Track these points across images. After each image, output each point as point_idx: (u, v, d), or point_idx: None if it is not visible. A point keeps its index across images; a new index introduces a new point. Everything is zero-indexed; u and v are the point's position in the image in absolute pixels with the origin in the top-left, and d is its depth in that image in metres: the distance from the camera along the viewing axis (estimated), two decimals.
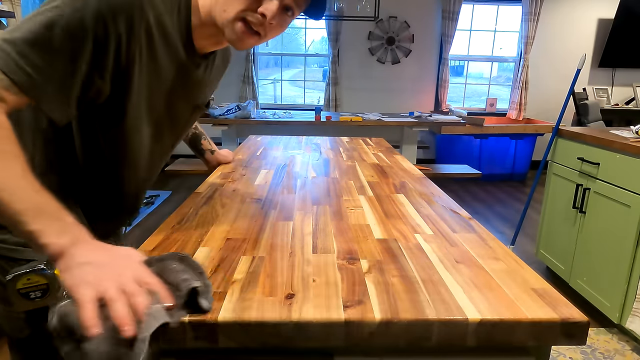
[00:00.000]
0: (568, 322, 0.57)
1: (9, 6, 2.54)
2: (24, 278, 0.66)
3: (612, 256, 1.99)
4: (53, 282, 0.68)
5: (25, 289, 0.66)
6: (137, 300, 0.52)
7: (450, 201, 1.10)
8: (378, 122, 3.76)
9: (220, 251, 0.76)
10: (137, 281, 0.54)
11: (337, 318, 0.56)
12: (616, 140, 1.97)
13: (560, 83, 5.48)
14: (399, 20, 5.24)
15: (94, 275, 0.53)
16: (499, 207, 4.01)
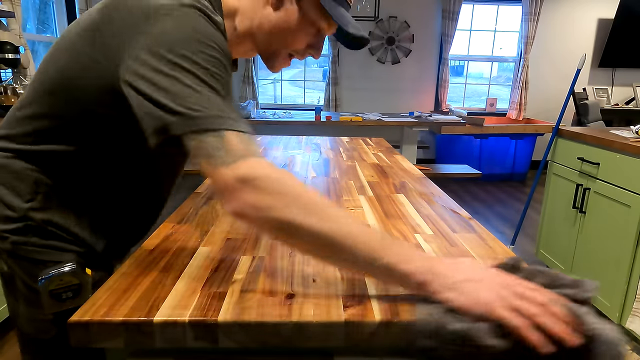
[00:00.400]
0: None
1: (9, 6, 2.54)
2: (57, 279, 0.71)
3: (612, 256, 1.99)
4: (85, 282, 0.73)
5: (58, 289, 0.71)
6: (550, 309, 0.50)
7: (450, 201, 1.10)
8: (378, 122, 3.76)
9: (220, 251, 0.76)
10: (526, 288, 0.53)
11: (337, 318, 0.56)
12: (616, 140, 1.97)
13: (560, 83, 5.48)
14: (399, 20, 5.25)
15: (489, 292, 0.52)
16: (499, 207, 4.01)
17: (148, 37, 0.64)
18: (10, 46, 2.41)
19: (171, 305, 0.58)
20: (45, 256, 0.76)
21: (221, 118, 0.61)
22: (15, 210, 0.74)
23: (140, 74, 0.63)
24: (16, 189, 0.75)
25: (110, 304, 0.58)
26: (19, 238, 0.75)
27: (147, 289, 0.62)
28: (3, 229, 0.75)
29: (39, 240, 0.75)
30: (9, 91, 2.39)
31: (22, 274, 0.77)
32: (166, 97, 0.61)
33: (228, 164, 0.59)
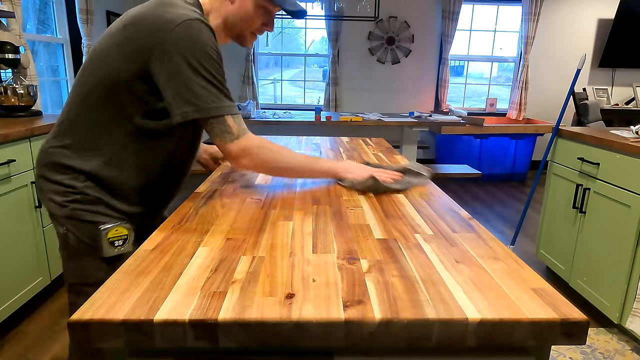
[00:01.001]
0: (568, 322, 0.57)
1: (9, 6, 2.54)
2: (114, 229, 1.03)
3: (612, 256, 1.99)
4: (130, 233, 1.06)
5: (113, 238, 1.02)
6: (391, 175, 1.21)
7: (450, 201, 1.10)
8: (378, 122, 3.76)
9: (220, 251, 0.76)
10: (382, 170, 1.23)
11: (337, 318, 0.56)
12: (616, 140, 1.97)
13: (560, 83, 5.48)
14: (399, 20, 5.25)
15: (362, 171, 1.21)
16: (499, 207, 4.01)
17: (167, 45, 0.93)
18: (10, 46, 2.41)
19: (171, 305, 0.58)
20: (95, 218, 1.03)
21: (222, 107, 0.99)
22: (74, 188, 1.02)
23: (162, 67, 0.94)
24: (72, 168, 1.01)
25: (110, 304, 0.58)
26: (77, 206, 1.02)
27: (147, 289, 0.62)
28: (65, 200, 1.02)
29: (91, 207, 1.03)
30: (9, 91, 2.39)
31: (76, 231, 1.02)
32: (186, 94, 0.95)
33: (232, 141, 1.02)
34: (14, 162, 1.92)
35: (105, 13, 4.20)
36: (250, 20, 1.10)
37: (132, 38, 0.95)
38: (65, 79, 3.75)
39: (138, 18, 0.96)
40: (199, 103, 0.95)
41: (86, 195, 1.01)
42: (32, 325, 2.03)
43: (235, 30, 1.11)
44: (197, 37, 0.94)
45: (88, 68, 1.01)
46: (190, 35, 0.93)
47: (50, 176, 1.03)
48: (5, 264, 1.88)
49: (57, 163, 1.02)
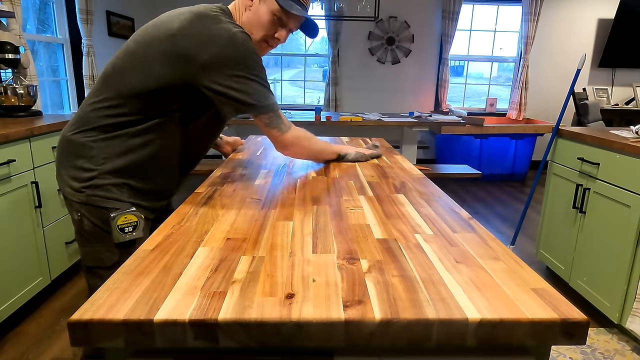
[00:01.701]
0: (568, 322, 0.57)
1: (9, 6, 2.54)
2: (123, 216, 1.09)
3: (612, 256, 1.99)
4: (140, 221, 1.12)
5: (123, 225, 1.10)
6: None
7: (450, 201, 1.10)
8: (378, 122, 3.76)
9: (220, 251, 0.76)
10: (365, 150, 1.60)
11: (337, 318, 0.56)
12: (616, 140, 1.97)
13: (560, 83, 5.48)
14: (399, 20, 5.25)
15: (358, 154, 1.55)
16: (499, 207, 4.01)
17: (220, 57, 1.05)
18: (10, 46, 2.41)
19: (171, 305, 0.58)
20: (109, 204, 1.10)
21: (275, 104, 1.17)
22: (90, 171, 1.09)
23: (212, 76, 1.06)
24: (91, 159, 1.10)
25: (110, 304, 0.58)
26: (92, 192, 1.09)
27: (147, 289, 0.62)
28: (82, 185, 1.10)
29: (105, 193, 1.10)
30: (9, 91, 2.39)
31: (91, 217, 1.10)
32: (240, 96, 1.09)
33: (286, 131, 1.22)
34: (14, 162, 1.92)
35: (105, 13, 4.20)
36: (262, 27, 1.18)
37: (181, 47, 1.04)
38: (65, 79, 3.75)
39: (182, 32, 1.05)
40: (256, 102, 1.11)
41: (102, 179, 1.09)
42: (32, 325, 2.03)
43: (251, 35, 1.18)
44: (244, 47, 1.07)
45: (117, 71, 1.09)
46: (238, 46, 1.06)
47: (70, 161, 1.11)
48: (5, 263, 1.88)
49: (78, 147, 1.10)
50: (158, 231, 0.85)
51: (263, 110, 1.13)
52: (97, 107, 1.09)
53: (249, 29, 1.18)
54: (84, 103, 1.13)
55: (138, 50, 1.08)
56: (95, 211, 1.10)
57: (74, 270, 2.56)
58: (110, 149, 1.09)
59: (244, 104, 1.09)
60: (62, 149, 1.14)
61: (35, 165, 2.08)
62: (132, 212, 1.10)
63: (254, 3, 1.17)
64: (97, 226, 1.10)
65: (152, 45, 1.06)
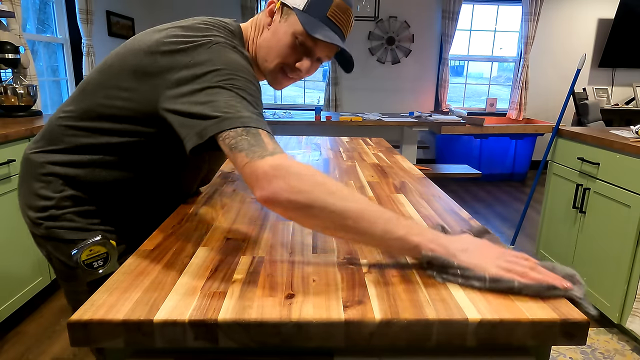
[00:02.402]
0: (568, 322, 0.57)
1: (9, 6, 2.54)
2: (87, 250, 0.87)
3: (612, 256, 1.99)
4: (111, 251, 0.89)
5: (89, 259, 0.87)
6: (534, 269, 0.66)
7: (450, 201, 1.10)
8: (378, 122, 3.76)
9: (220, 251, 0.76)
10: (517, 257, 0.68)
11: (337, 318, 0.56)
12: (616, 140, 1.97)
13: (560, 83, 5.48)
14: (399, 20, 5.25)
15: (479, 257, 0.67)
16: (499, 207, 4.01)
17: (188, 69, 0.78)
18: (10, 46, 2.40)
19: (171, 305, 0.58)
20: (74, 235, 0.89)
21: (253, 120, 0.73)
22: (48, 200, 0.89)
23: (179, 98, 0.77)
24: (50, 184, 0.90)
25: (110, 304, 0.58)
26: (51, 223, 0.89)
27: (147, 289, 0.62)
28: (38, 216, 0.90)
29: (68, 223, 0.89)
30: (9, 91, 2.39)
31: (57, 253, 0.91)
32: (202, 109, 0.74)
33: (263, 157, 0.68)
34: (14, 162, 1.92)
35: (105, 13, 4.20)
36: (279, 51, 0.92)
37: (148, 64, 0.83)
38: (65, 79, 3.75)
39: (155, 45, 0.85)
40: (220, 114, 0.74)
41: (61, 209, 0.89)
42: (32, 325, 2.02)
43: (264, 62, 0.95)
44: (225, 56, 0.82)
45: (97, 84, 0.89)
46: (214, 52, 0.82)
47: (27, 186, 0.93)
48: (5, 263, 1.88)
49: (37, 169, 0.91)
50: (158, 231, 0.85)
51: (227, 124, 0.72)
52: (63, 124, 0.90)
53: (266, 53, 0.94)
54: (52, 117, 0.95)
55: (113, 64, 0.88)
56: (61, 246, 0.90)
57: None
58: (73, 172, 0.89)
59: (205, 118, 0.73)
60: (21, 170, 0.95)
61: None
62: (98, 243, 0.87)
63: (274, 21, 0.92)
64: (64, 263, 0.91)
65: (125, 60, 0.85)
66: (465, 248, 0.68)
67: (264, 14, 0.94)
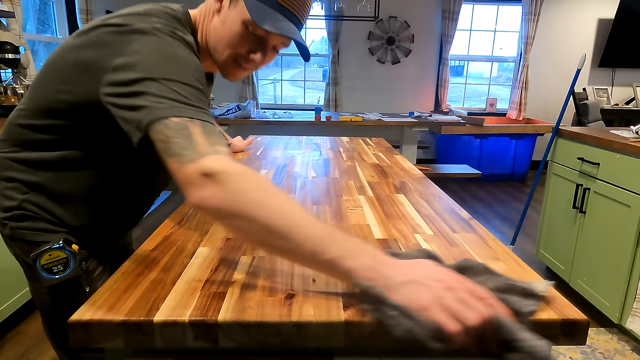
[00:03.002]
0: (568, 322, 0.57)
1: (9, 6, 2.54)
2: (46, 254, 0.85)
3: (612, 256, 1.99)
4: (72, 256, 0.87)
5: (49, 264, 0.85)
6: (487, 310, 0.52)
7: (450, 201, 1.10)
8: (378, 122, 3.76)
9: (220, 251, 0.76)
10: (473, 295, 0.54)
11: (337, 318, 0.56)
12: (616, 140, 1.97)
13: (560, 83, 5.48)
14: (399, 20, 5.25)
15: (428, 294, 0.54)
16: (499, 207, 4.01)
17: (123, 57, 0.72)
18: (10, 46, 2.41)
19: (171, 305, 0.58)
20: (38, 237, 0.87)
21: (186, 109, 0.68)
22: (13, 200, 0.87)
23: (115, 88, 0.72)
24: (15, 184, 0.87)
25: (110, 304, 0.58)
26: (15, 224, 0.87)
27: (147, 289, 0.62)
28: (4, 216, 0.88)
29: (32, 224, 0.87)
30: (9, 91, 2.39)
31: (21, 254, 0.90)
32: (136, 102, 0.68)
33: (194, 160, 0.62)
34: None
35: (105, 13, 4.20)
36: (229, 41, 0.85)
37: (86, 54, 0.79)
38: None
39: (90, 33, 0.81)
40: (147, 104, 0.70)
41: (26, 208, 0.86)
42: (32, 325, 2.02)
43: (215, 52, 0.88)
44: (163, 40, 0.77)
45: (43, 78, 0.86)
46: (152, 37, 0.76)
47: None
48: (5, 264, 1.88)
49: (1, 167, 0.88)
50: (158, 231, 0.85)
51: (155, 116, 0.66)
52: (19, 122, 0.86)
53: (215, 42, 0.87)
54: (10, 115, 0.90)
55: (55, 59, 0.83)
56: (25, 247, 0.88)
57: None
58: (36, 172, 0.86)
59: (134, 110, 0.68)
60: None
61: None
62: (59, 248, 0.85)
63: (223, 7, 0.85)
64: (27, 264, 0.89)
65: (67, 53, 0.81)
66: (410, 280, 0.55)
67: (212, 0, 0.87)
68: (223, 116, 3.64)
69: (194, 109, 0.68)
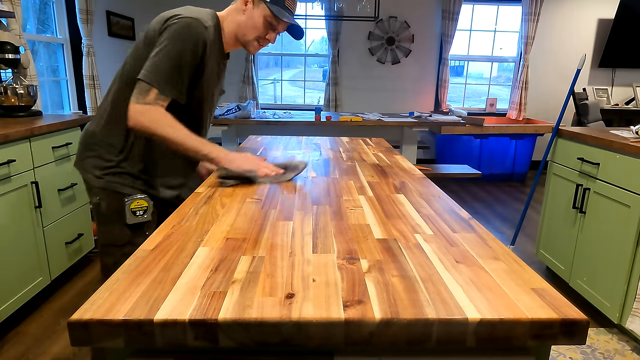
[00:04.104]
0: (568, 321, 0.57)
1: (9, 6, 2.54)
2: (135, 201, 1.28)
3: (612, 256, 1.99)
4: (150, 206, 1.30)
5: (135, 209, 1.28)
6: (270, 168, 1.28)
7: (450, 201, 1.10)
8: (378, 122, 3.76)
9: (220, 251, 0.76)
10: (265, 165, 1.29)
11: (337, 318, 0.56)
12: (616, 140, 1.97)
13: (560, 83, 5.48)
14: (399, 20, 5.25)
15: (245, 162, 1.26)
16: (499, 207, 4.01)
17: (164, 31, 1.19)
18: (10, 46, 2.40)
19: (171, 305, 0.58)
20: (125, 190, 1.29)
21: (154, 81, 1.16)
22: (111, 161, 1.28)
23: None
24: (112, 148, 1.28)
25: (110, 304, 0.58)
26: (111, 178, 1.28)
27: (147, 289, 0.62)
28: (101, 173, 1.28)
29: (122, 180, 1.29)
30: (9, 91, 2.39)
31: (108, 200, 1.28)
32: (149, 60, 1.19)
33: (139, 103, 1.16)
34: (14, 162, 1.92)
35: (105, 13, 4.20)
36: (256, 29, 1.34)
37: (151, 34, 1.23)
38: (65, 79, 3.75)
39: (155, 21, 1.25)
40: (146, 70, 1.17)
41: (120, 168, 1.28)
42: (32, 325, 2.03)
43: (244, 37, 1.35)
44: (185, 29, 1.19)
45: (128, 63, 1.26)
46: (181, 27, 1.19)
47: (92, 152, 1.29)
48: (5, 264, 1.88)
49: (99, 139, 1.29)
50: (158, 231, 0.85)
51: (143, 77, 1.16)
52: (111, 100, 1.27)
53: (244, 30, 1.34)
54: (103, 99, 1.32)
55: (137, 45, 1.26)
56: (112, 195, 1.28)
57: (74, 270, 2.56)
58: (125, 138, 1.27)
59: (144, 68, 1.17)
60: (84, 140, 1.32)
61: (35, 165, 2.08)
62: (143, 198, 1.29)
63: (248, 8, 1.33)
64: (112, 208, 1.28)
65: (141, 38, 1.25)
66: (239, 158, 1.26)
67: (239, 3, 1.34)
68: (223, 116, 3.63)
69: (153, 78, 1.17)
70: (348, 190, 1.18)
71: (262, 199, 1.09)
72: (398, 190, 1.20)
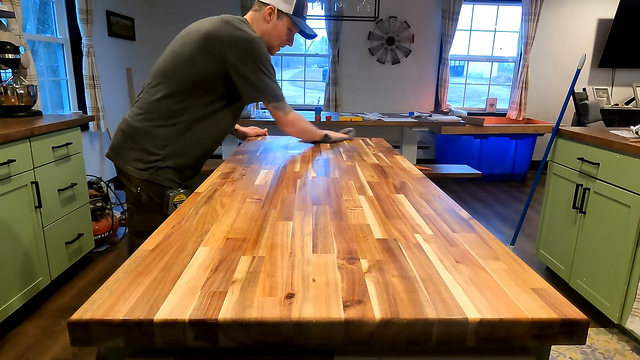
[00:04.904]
0: (568, 321, 0.57)
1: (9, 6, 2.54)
2: (177, 195, 1.41)
3: (612, 256, 1.99)
4: (186, 198, 1.36)
5: (176, 201, 1.40)
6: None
7: (450, 201, 1.10)
8: (378, 122, 3.76)
9: (220, 251, 0.76)
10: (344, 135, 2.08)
11: (337, 318, 0.56)
12: (616, 140, 1.97)
13: (560, 83, 5.48)
14: (399, 20, 5.25)
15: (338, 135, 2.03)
16: (499, 207, 4.01)
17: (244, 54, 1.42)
18: (10, 46, 2.40)
19: (171, 305, 0.58)
20: (165, 183, 1.44)
21: (281, 95, 1.58)
22: (155, 155, 1.41)
23: (238, 69, 1.42)
24: (156, 143, 1.41)
25: (110, 304, 0.58)
26: (154, 171, 1.42)
27: (147, 289, 0.62)
28: (145, 166, 1.41)
29: (164, 173, 1.43)
30: (9, 91, 2.39)
31: (150, 192, 1.43)
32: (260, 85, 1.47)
33: (288, 113, 1.65)
34: (14, 162, 1.92)
35: (105, 13, 4.20)
36: (280, 37, 1.58)
37: (215, 47, 1.38)
38: (65, 79, 3.74)
39: (214, 33, 1.39)
40: (268, 91, 1.50)
41: (164, 162, 1.41)
42: (32, 325, 2.03)
43: (269, 43, 1.56)
44: (261, 49, 1.44)
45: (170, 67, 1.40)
46: (257, 48, 1.42)
47: (136, 144, 1.41)
48: (5, 264, 1.88)
49: (144, 133, 1.40)
50: (158, 231, 0.85)
51: (273, 98, 1.54)
52: (156, 98, 1.40)
53: (269, 37, 1.56)
54: (144, 95, 1.44)
55: (182, 50, 1.40)
56: (154, 187, 1.42)
57: (74, 270, 2.56)
58: (172, 135, 1.40)
59: (260, 92, 1.47)
60: (127, 134, 1.42)
61: (35, 165, 2.08)
62: (184, 192, 1.44)
63: (272, 19, 1.54)
64: (152, 199, 1.43)
65: (191, 45, 1.39)
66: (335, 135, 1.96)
67: (263, 13, 1.54)
68: None
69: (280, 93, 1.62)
70: (348, 190, 1.18)
71: (262, 199, 1.09)
72: (398, 190, 1.20)
